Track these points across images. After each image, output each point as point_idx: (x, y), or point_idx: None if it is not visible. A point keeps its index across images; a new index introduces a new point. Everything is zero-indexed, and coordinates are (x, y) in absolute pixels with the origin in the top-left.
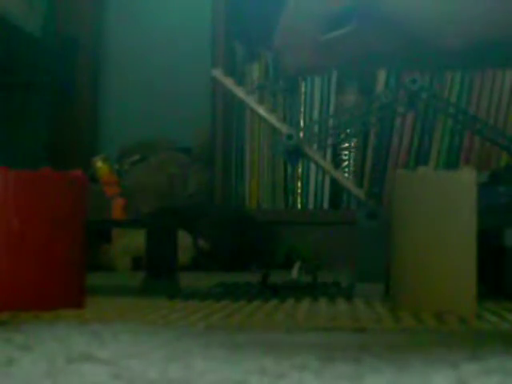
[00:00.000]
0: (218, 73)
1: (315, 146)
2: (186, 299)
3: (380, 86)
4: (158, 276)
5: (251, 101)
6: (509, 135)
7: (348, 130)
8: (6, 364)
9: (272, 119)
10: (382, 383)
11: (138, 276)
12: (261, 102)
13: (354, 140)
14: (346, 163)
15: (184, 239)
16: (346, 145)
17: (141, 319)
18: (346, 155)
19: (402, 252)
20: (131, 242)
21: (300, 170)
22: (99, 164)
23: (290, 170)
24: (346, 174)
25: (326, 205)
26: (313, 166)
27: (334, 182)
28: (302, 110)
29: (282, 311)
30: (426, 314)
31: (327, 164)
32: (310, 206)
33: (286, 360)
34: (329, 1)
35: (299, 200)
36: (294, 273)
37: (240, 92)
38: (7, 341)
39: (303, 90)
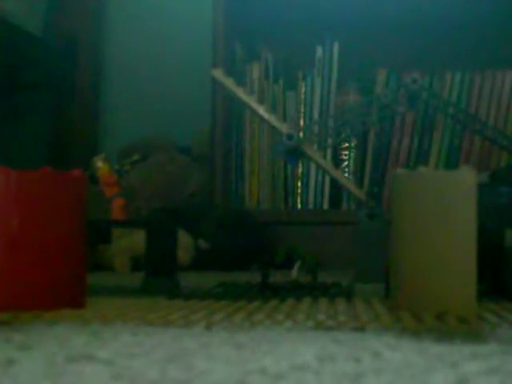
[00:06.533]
0: (217, 73)
1: (315, 146)
2: (186, 299)
3: (380, 86)
4: (158, 276)
5: (251, 101)
6: (509, 135)
7: (348, 130)
8: (5, 364)
9: (272, 119)
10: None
11: (137, 276)
12: (261, 101)
13: (354, 140)
14: (346, 163)
15: (184, 239)
16: (346, 145)
17: (141, 319)
18: (345, 155)
19: (402, 252)
20: (131, 241)
21: (300, 170)
22: (99, 164)
23: (289, 169)
24: (346, 174)
25: (325, 205)
26: (313, 166)
27: (334, 182)
28: (302, 110)
29: (282, 311)
30: (426, 313)
31: (327, 164)
32: (310, 206)
33: (287, 360)
34: None
35: (299, 200)
36: (294, 273)
37: (240, 92)
38: (7, 341)
39: (303, 89)
